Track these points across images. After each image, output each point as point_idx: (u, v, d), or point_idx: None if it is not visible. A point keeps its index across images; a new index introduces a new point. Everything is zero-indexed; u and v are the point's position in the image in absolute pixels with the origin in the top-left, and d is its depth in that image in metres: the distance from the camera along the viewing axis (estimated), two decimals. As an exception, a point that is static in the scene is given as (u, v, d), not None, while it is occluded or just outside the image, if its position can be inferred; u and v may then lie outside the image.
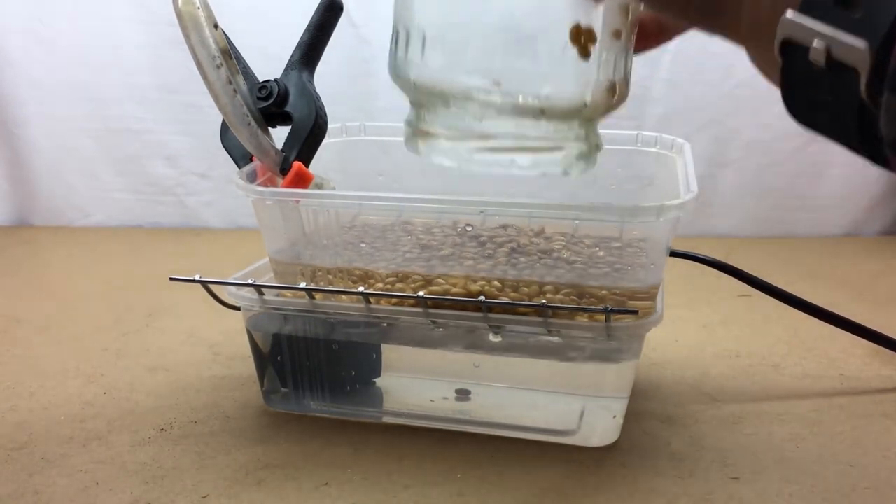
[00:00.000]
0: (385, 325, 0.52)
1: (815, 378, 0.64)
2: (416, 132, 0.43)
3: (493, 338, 0.50)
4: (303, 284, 0.50)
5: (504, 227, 0.56)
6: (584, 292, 0.48)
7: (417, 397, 0.57)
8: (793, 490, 0.47)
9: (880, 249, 1.16)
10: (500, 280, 0.49)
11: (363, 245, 0.54)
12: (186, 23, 0.46)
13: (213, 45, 0.47)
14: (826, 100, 0.27)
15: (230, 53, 0.49)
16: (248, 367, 0.64)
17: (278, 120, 0.54)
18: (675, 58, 1.16)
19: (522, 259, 0.50)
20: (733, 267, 0.61)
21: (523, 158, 0.41)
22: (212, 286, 0.54)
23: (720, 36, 0.33)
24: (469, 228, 0.55)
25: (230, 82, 0.48)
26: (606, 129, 0.45)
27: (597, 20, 0.37)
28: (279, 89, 0.52)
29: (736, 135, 1.19)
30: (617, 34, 0.38)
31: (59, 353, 0.69)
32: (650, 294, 0.50)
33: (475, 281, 0.49)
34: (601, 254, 0.51)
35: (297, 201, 0.51)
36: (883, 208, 1.25)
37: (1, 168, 1.24)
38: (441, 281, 0.50)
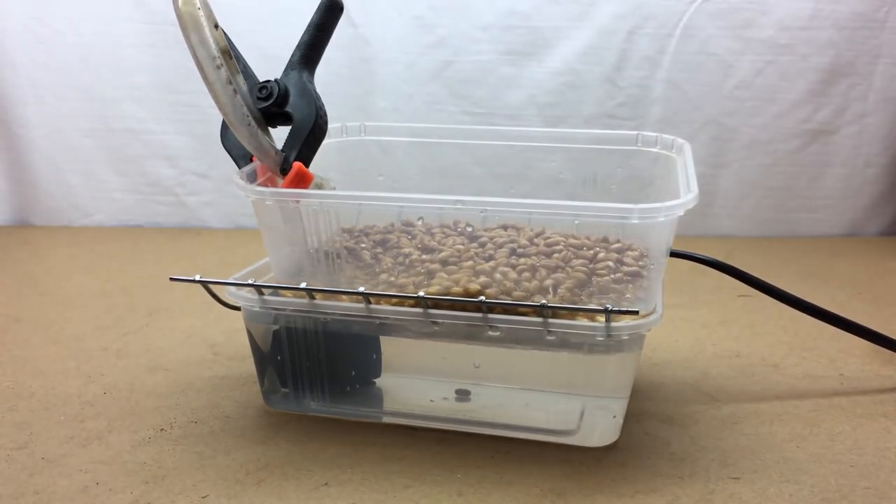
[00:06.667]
0: (378, 323, 0.52)
1: (815, 378, 0.64)
2: None
3: (491, 332, 0.50)
4: (303, 284, 0.50)
5: (504, 227, 0.56)
6: (584, 295, 0.48)
7: (417, 397, 0.57)
8: (793, 490, 0.47)
9: (880, 249, 1.16)
10: (499, 283, 0.49)
11: (363, 247, 0.54)
12: (186, 23, 0.46)
13: (213, 45, 0.47)
14: None
15: (230, 53, 0.49)
16: (248, 367, 0.64)
17: (278, 120, 0.54)
18: (675, 58, 1.16)
19: (522, 260, 0.50)
20: (733, 267, 0.61)
21: None
22: (212, 286, 0.54)
23: None
24: (469, 229, 0.55)
25: (230, 82, 0.48)
26: (607, 129, 0.46)
27: None
28: (279, 89, 0.52)
29: (736, 135, 1.20)
30: None
31: (59, 353, 0.69)
32: (650, 294, 0.50)
33: (476, 277, 0.49)
34: (601, 255, 0.51)
35: (297, 201, 0.51)
36: (883, 208, 1.25)
37: (1, 168, 1.24)
38: (441, 278, 0.50)
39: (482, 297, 0.47)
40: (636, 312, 0.46)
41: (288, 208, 0.51)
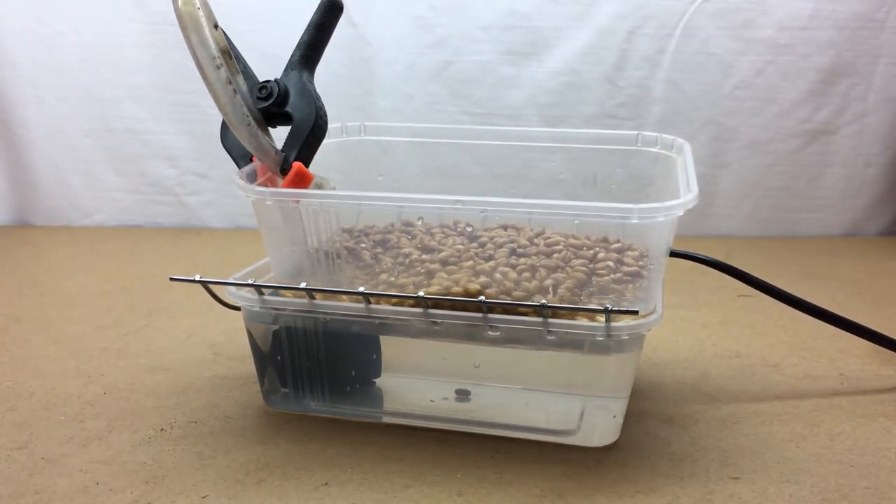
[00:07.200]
0: (378, 323, 0.52)
1: (815, 378, 0.64)
2: None
3: (491, 332, 0.50)
4: (303, 284, 0.50)
5: (504, 227, 0.56)
6: (584, 295, 0.48)
7: (417, 397, 0.57)
8: (793, 490, 0.47)
9: (880, 249, 1.16)
10: (499, 283, 0.49)
11: (363, 247, 0.54)
12: (186, 23, 0.46)
13: (213, 45, 0.47)
14: None
15: (230, 53, 0.49)
16: (248, 367, 0.64)
17: (278, 120, 0.54)
18: (675, 58, 1.16)
19: (522, 260, 0.50)
20: (733, 267, 0.61)
21: None
22: (212, 286, 0.54)
23: None
24: (469, 229, 0.55)
25: (230, 82, 0.48)
26: (607, 129, 0.46)
27: None
28: (279, 89, 0.52)
29: (736, 135, 1.20)
30: None
31: (59, 353, 0.69)
32: (650, 294, 0.50)
33: (476, 277, 0.49)
34: (601, 255, 0.51)
35: (297, 201, 0.51)
36: (883, 208, 1.25)
37: (1, 168, 1.24)
38: (441, 278, 0.50)
39: (482, 297, 0.47)
40: (636, 312, 0.46)
41: (288, 208, 0.51)
